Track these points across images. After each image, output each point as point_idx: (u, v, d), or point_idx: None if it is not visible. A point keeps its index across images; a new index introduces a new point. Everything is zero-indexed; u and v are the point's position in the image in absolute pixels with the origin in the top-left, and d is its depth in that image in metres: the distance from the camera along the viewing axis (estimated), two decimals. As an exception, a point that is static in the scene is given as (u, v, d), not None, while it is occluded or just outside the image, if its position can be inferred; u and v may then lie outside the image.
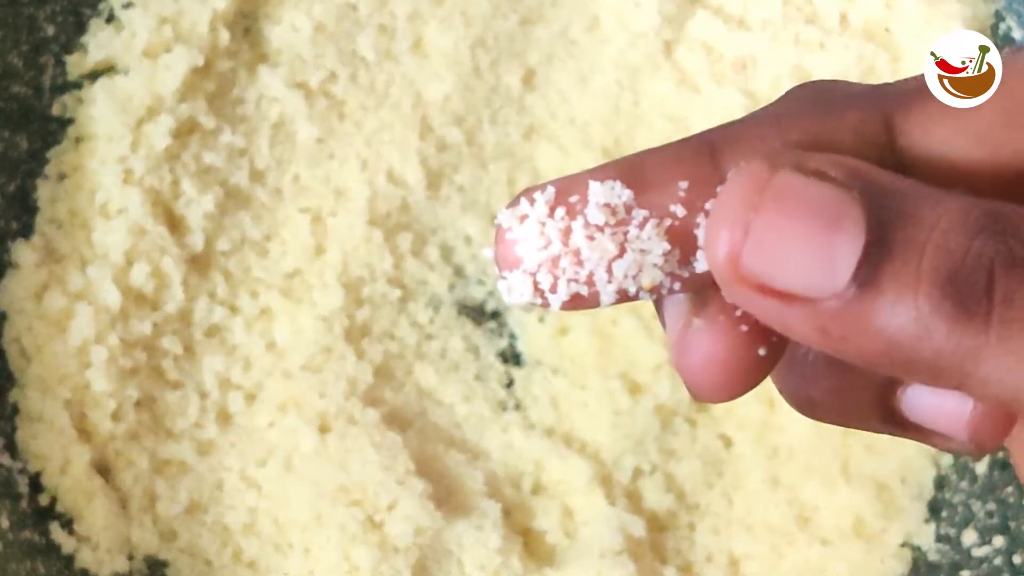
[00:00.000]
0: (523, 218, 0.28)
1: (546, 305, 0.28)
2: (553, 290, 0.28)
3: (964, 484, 0.66)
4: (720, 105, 0.68)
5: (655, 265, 0.28)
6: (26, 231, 0.64)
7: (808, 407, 0.32)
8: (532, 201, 0.28)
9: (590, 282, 0.28)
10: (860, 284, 0.25)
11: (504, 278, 0.28)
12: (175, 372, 0.64)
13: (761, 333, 0.28)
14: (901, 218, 0.26)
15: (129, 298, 0.63)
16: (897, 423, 0.31)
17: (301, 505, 0.62)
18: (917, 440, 0.32)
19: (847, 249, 0.25)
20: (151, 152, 0.64)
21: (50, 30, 0.66)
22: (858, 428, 0.32)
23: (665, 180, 0.28)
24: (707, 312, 0.28)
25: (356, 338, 0.67)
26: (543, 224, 0.28)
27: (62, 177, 0.65)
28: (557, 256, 0.28)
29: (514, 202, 0.29)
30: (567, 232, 0.28)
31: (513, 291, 0.28)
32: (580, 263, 0.28)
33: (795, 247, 0.26)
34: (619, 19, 0.70)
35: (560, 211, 0.28)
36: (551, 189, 0.28)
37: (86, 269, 0.63)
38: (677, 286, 0.28)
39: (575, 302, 0.28)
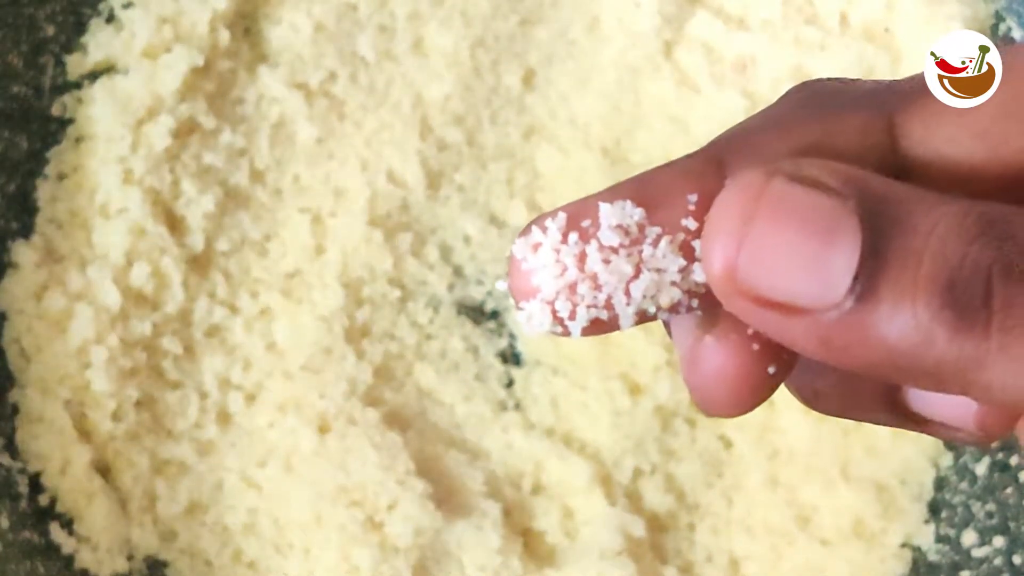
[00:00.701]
0: (536, 247, 0.28)
1: (566, 333, 0.28)
2: (572, 317, 0.28)
3: (964, 485, 0.66)
4: (720, 106, 0.68)
5: (673, 283, 0.28)
6: (26, 231, 0.64)
7: (815, 400, 0.32)
8: (544, 229, 0.28)
9: (609, 306, 0.28)
10: (858, 295, 0.25)
11: (522, 309, 0.28)
12: (175, 372, 0.64)
13: (772, 351, 0.28)
14: (897, 226, 0.26)
15: (129, 298, 0.63)
16: (904, 415, 0.31)
17: (301, 505, 0.62)
18: (924, 432, 0.32)
19: (843, 260, 0.25)
20: (151, 152, 0.64)
21: (50, 30, 0.66)
22: (865, 421, 0.32)
23: (674, 195, 0.28)
24: (718, 330, 0.28)
25: (356, 338, 0.67)
26: (558, 251, 0.28)
27: (62, 177, 0.65)
28: (574, 282, 0.28)
29: (526, 231, 0.28)
30: (582, 257, 0.28)
31: (532, 321, 0.28)
32: (598, 287, 0.28)
33: (791, 258, 0.26)
34: (619, 19, 0.70)
35: (573, 236, 0.28)
36: (562, 215, 0.28)
37: (86, 269, 0.63)
38: (695, 303, 0.28)
39: (595, 327, 0.28)
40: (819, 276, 0.25)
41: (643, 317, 0.28)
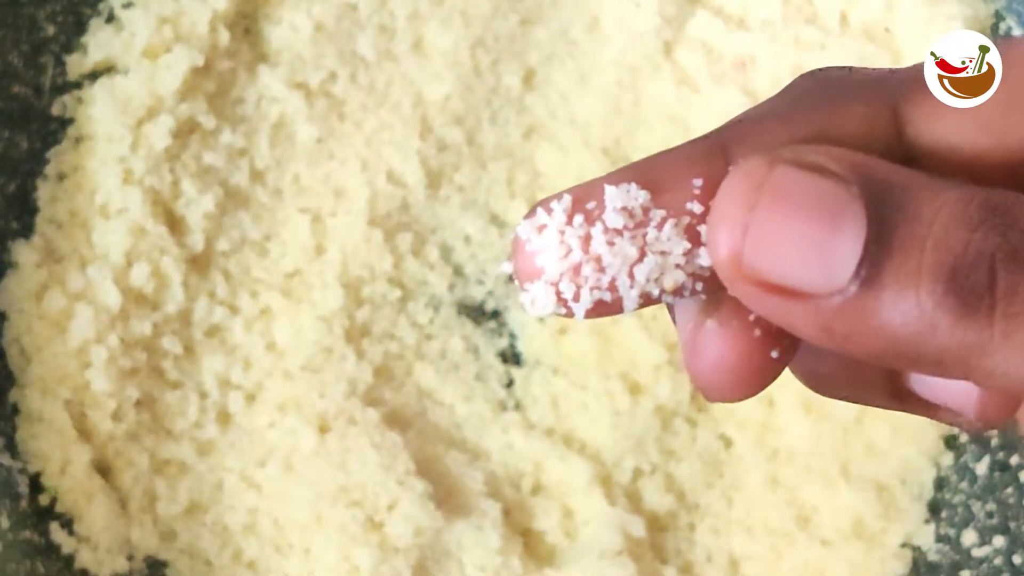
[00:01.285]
0: (541, 228, 0.28)
1: (570, 314, 0.28)
2: (576, 299, 0.28)
3: (964, 485, 0.66)
4: (720, 105, 0.68)
5: (677, 266, 0.28)
6: (26, 231, 0.64)
7: (817, 382, 0.32)
8: (549, 211, 0.28)
9: (613, 288, 0.28)
10: (862, 281, 0.25)
11: (526, 290, 0.28)
12: (175, 372, 0.64)
13: (774, 336, 0.28)
14: (901, 212, 0.26)
15: (129, 298, 0.63)
16: (905, 398, 0.31)
17: (301, 505, 0.62)
18: (925, 415, 0.32)
19: (847, 246, 0.25)
20: (151, 152, 0.64)
21: (50, 30, 0.66)
22: (867, 403, 0.32)
23: (680, 179, 0.28)
24: (721, 315, 0.28)
25: (356, 338, 0.67)
26: (562, 233, 0.28)
27: (62, 177, 0.65)
28: (578, 264, 0.28)
29: (531, 213, 0.28)
30: (587, 239, 0.28)
31: (536, 303, 0.28)
32: (602, 269, 0.28)
33: (795, 243, 0.26)
34: (619, 19, 0.70)
35: (578, 218, 0.28)
36: (567, 197, 0.28)
37: (86, 269, 0.63)
38: (699, 286, 0.28)
39: (599, 309, 0.28)
40: (823, 262, 0.26)
41: (647, 300, 0.28)
